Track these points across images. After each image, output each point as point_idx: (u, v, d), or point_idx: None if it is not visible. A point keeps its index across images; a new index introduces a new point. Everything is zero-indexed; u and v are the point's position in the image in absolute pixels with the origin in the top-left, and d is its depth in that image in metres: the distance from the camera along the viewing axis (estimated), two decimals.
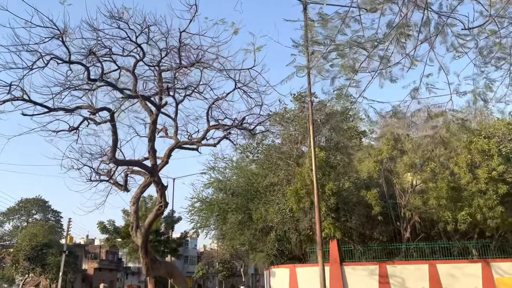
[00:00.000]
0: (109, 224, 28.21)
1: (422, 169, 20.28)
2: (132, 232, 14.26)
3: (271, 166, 25.57)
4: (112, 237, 27.80)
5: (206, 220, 31.52)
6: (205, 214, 31.72)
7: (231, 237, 29.62)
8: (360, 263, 23.79)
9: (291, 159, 25.76)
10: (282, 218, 24.10)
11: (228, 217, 29.12)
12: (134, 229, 14.24)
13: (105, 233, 27.45)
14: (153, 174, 12.52)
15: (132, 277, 70.06)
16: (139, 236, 13.88)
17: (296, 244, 26.79)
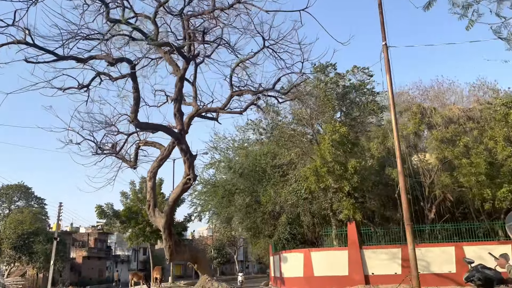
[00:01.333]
0: (107, 207, 26.27)
1: (454, 144, 18.81)
2: (150, 212, 12.50)
3: (286, 143, 23.86)
4: (111, 222, 25.85)
5: (208, 204, 29.76)
6: (208, 197, 29.94)
7: (239, 220, 27.93)
8: (381, 246, 22.53)
9: (305, 136, 24.07)
10: (297, 199, 22.48)
11: (235, 199, 27.42)
12: (152, 208, 12.50)
13: (103, 217, 25.52)
14: (180, 141, 10.76)
15: (122, 265, 68.19)
16: (160, 216, 12.17)
17: (309, 227, 25.30)
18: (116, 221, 26.18)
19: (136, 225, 24.48)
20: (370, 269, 22.35)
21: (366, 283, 22.02)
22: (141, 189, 26.71)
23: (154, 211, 12.70)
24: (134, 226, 24.41)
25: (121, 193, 27.06)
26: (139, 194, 26.22)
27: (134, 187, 27.01)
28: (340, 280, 22.44)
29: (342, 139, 20.50)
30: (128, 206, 25.63)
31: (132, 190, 26.91)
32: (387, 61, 14.81)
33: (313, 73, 18.94)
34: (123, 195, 26.93)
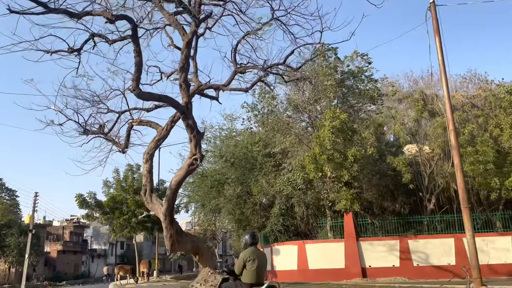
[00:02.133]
0: (89, 196, 24.46)
1: (459, 131, 18.18)
2: (146, 198, 11.30)
3: (281, 130, 22.85)
4: (93, 212, 24.10)
5: (195, 195, 28.53)
6: (196, 187, 28.71)
7: (229, 211, 26.83)
8: (379, 238, 21.89)
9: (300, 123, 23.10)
10: (292, 189, 21.53)
11: (225, 189, 26.29)
12: (148, 193, 11.30)
13: (84, 207, 23.79)
14: (186, 115, 9.61)
15: (98, 259, 66.14)
16: (158, 202, 11.04)
17: (303, 218, 24.41)
18: (98, 212, 24.42)
19: (120, 215, 22.90)
20: (367, 261, 21.70)
21: (363, 276, 21.37)
22: (126, 177, 25.12)
23: (151, 197, 11.50)
24: (118, 216, 22.83)
25: (104, 182, 25.41)
26: (123, 183, 24.60)
27: (118, 175, 25.39)
28: (336, 273, 21.70)
29: (342, 126, 19.60)
30: (112, 195, 23.95)
31: (115, 179, 25.25)
32: (436, 21, 13.69)
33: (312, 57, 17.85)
34: (105, 184, 25.26)
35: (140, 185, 23.21)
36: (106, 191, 25.02)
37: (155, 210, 11.58)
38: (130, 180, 24.83)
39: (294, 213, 24.90)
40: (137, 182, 24.49)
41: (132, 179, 25.11)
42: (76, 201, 23.41)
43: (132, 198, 22.62)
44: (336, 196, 21.13)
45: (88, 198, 24.02)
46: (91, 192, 24.61)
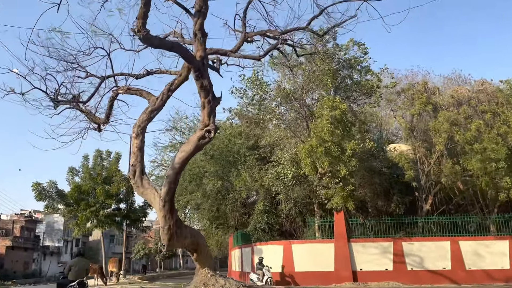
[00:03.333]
0: (49, 185, 21.32)
1: (466, 127, 17.12)
2: (135, 180, 9.31)
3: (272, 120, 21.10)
4: (53, 204, 20.95)
5: None
6: None
7: (207, 207, 24.76)
8: (371, 239, 20.63)
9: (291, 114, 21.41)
10: (283, 185, 19.82)
11: (204, 183, 24.22)
12: (139, 175, 9.32)
13: (43, 198, 20.71)
14: (201, 74, 7.73)
15: (51, 257, 61.65)
16: (150, 186, 8.97)
17: (288, 217, 22.77)
18: (60, 203, 21.27)
19: (86, 207, 20.04)
20: (358, 264, 20.38)
21: (354, 280, 20.00)
22: (96, 164, 22.15)
23: (141, 180, 9.44)
24: (84, 209, 19.96)
25: (69, 169, 22.32)
26: (92, 171, 21.69)
27: (87, 162, 22.36)
28: (325, 276, 20.22)
29: (342, 117, 18.05)
30: (77, 185, 20.97)
31: (84, 166, 22.21)
32: None
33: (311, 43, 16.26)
34: (70, 171, 22.19)
35: (110, 174, 20.76)
36: (70, 179, 22.08)
37: (147, 196, 9.50)
38: (99, 168, 21.94)
39: (279, 210, 23.24)
40: (106, 171, 21.72)
41: (101, 167, 22.24)
42: (34, 190, 20.36)
43: (101, 187, 19.92)
44: (330, 192, 19.60)
45: (48, 188, 21.01)
46: (52, 181, 21.57)
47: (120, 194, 21.34)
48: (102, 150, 22.60)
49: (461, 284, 19.10)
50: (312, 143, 18.14)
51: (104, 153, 22.68)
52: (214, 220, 29.80)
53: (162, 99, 9.74)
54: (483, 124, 17.42)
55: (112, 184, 20.93)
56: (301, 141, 20.66)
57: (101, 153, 22.56)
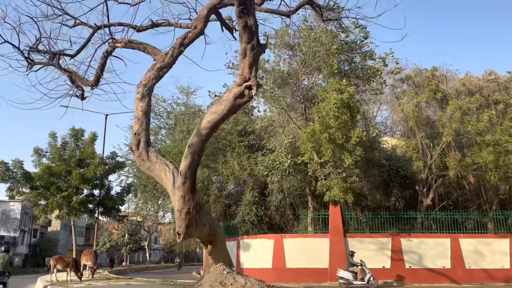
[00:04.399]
0: (14, 165, 18.43)
1: (478, 118, 16.13)
2: (139, 152, 7.51)
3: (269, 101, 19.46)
4: (17, 186, 18.06)
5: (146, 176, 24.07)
6: None
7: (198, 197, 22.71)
8: (369, 235, 19.51)
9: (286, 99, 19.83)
10: (279, 174, 18.27)
11: None
12: (143, 146, 7.55)
13: (6, 180, 17.82)
14: (247, 9, 5.80)
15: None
16: (159, 159, 7.23)
17: (279, 209, 21.25)
18: (26, 186, 18.38)
19: (57, 192, 17.38)
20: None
21: None
22: (65, 144, 19.34)
23: (147, 152, 7.60)
24: (54, 193, 17.31)
25: (34, 150, 19.32)
26: (62, 151, 18.94)
27: (55, 142, 19.50)
28: (319, 273, 18.93)
29: (348, 102, 16.63)
30: (46, 166, 18.15)
31: (51, 146, 19.36)
32: None
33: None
34: (36, 152, 19.30)
35: (86, 156, 18.41)
36: (36, 161, 19.21)
37: (155, 172, 7.65)
38: (72, 149, 19.17)
39: (268, 202, 21.64)
40: (80, 152, 19.04)
41: (75, 147, 19.53)
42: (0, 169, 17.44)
43: (77, 171, 17.39)
44: (328, 183, 18.21)
45: (13, 168, 18.16)
46: (17, 160, 18.54)
47: (96, 179, 18.83)
48: (78, 129, 19.88)
49: (461, 284, 18.25)
50: (315, 127, 16.64)
51: (78, 132, 19.93)
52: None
53: (173, 55, 7.92)
54: (495, 115, 16.50)
55: (88, 167, 18.37)
56: (298, 127, 19.13)
57: (76, 131, 19.86)
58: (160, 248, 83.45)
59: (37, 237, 63.49)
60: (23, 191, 18.36)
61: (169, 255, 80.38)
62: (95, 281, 14.64)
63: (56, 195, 17.36)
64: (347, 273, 16.78)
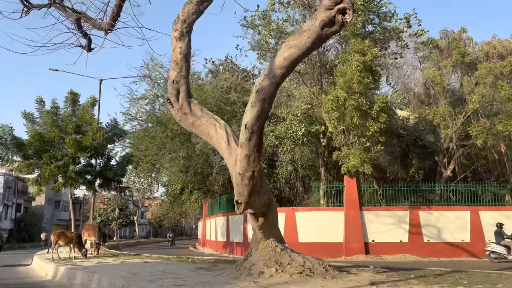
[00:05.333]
0: (2, 131, 16.26)
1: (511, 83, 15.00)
2: (180, 105, 6.26)
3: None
4: (7, 154, 16.00)
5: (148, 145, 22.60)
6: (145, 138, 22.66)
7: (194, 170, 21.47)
8: (386, 208, 18.62)
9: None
10: (293, 143, 17.01)
11: (193, 142, 20.84)
12: (184, 97, 6.41)
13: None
14: None
15: None
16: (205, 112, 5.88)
17: (289, 181, 20.09)
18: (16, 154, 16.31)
19: (51, 161, 15.47)
20: (370, 235, 18.29)
21: (366, 252, 17.71)
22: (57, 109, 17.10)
23: (189, 104, 6.15)
24: (47, 163, 15.43)
25: (23, 114, 17.14)
26: (55, 117, 16.84)
27: (42, 107, 17.22)
28: (334, 248, 17.96)
29: (371, 65, 15.27)
30: (38, 132, 16.08)
31: (41, 112, 17.09)
32: None
33: None
34: (26, 117, 17.18)
35: (84, 123, 16.60)
36: (29, 127, 17.14)
37: (201, 127, 6.27)
38: (67, 114, 17.11)
39: (277, 174, 20.39)
40: (78, 118, 17.03)
41: (71, 112, 17.48)
42: None
43: (72, 137, 15.47)
44: (345, 154, 17.05)
45: (2, 134, 16.11)
46: (6, 126, 16.49)
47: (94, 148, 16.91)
48: (76, 93, 17.79)
49: (482, 258, 17.49)
50: (339, 94, 15.24)
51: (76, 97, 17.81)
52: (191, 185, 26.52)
53: None
54: None
55: (85, 134, 16.46)
56: (313, 93, 17.71)
57: (74, 95, 17.74)
58: (146, 223, 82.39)
59: (21, 212, 61.47)
60: (14, 160, 16.45)
61: (158, 230, 79.37)
62: (102, 258, 13.26)
63: (49, 164, 15.59)
64: (500, 247, 14.82)
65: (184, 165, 21.48)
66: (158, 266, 9.71)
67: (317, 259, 6.97)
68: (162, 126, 21.88)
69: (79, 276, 8.38)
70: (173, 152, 22.34)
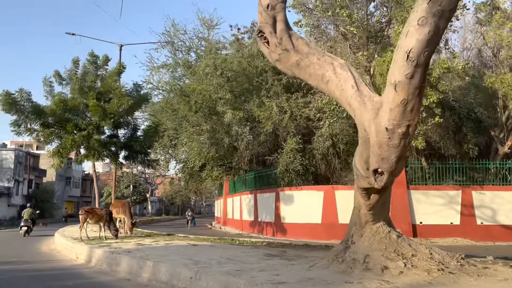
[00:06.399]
0: (20, 95, 14.16)
1: None
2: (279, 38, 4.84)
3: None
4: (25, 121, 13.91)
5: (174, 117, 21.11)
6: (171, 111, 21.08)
7: (219, 144, 19.94)
8: (436, 187, 17.04)
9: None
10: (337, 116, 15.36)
11: (220, 113, 19.19)
12: (283, 28, 4.75)
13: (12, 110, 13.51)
14: None
15: (0, 199, 54.44)
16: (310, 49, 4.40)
17: (326, 157, 18.48)
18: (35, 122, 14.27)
19: (73, 130, 13.54)
20: (418, 216, 16.76)
21: (413, 235, 16.20)
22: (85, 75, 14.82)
23: (290, 37, 4.37)
24: (70, 131, 13.56)
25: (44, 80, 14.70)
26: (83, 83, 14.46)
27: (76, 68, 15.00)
28: None
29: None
30: (62, 98, 14.08)
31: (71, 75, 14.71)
32: None
33: None
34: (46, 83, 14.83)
35: (107, 88, 14.86)
36: (48, 91, 15.06)
37: (312, 68, 4.67)
38: (91, 79, 15.07)
39: (312, 150, 18.75)
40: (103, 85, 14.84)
41: (94, 76, 15.43)
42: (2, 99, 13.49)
43: (95, 101, 13.47)
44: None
45: (19, 98, 14.12)
46: (24, 90, 14.61)
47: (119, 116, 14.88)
48: (98, 55, 15.86)
49: None
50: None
51: (100, 59, 15.78)
52: (212, 161, 24.99)
53: None
54: None
55: (111, 100, 14.55)
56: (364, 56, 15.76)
57: (96, 58, 15.82)
58: (156, 201, 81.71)
59: (32, 188, 60.63)
60: (33, 128, 14.53)
61: (169, 207, 78.71)
62: (135, 238, 11.79)
63: (72, 134, 13.79)
64: None
65: (210, 138, 19.88)
66: (214, 250, 8.22)
67: (446, 251, 5.39)
68: (186, 98, 20.22)
69: (124, 262, 6.90)
70: (197, 125, 20.72)
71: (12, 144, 67.19)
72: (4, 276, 7.02)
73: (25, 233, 18.91)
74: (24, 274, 7.33)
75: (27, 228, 19.12)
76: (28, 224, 19.10)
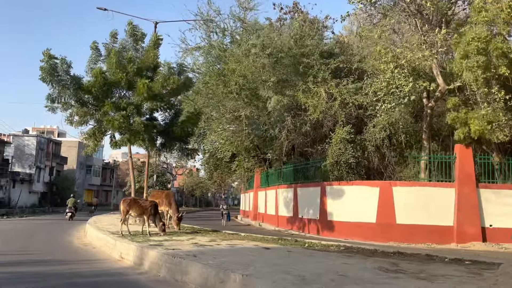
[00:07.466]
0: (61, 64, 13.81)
1: None
2: None
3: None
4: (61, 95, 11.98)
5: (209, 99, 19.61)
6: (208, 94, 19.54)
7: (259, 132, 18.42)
8: (509, 186, 14.84)
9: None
10: (395, 102, 13.56)
11: (263, 96, 17.54)
12: None
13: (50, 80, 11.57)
14: None
15: (21, 185, 54.12)
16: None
17: (379, 149, 16.72)
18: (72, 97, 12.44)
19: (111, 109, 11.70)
20: (488, 218, 14.89)
21: (482, 239, 14.37)
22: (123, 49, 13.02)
23: None
24: (107, 112, 11.77)
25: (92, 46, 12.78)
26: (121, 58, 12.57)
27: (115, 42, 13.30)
28: (441, 232, 14.77)
29: None
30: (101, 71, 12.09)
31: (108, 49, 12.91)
32: None
33: None
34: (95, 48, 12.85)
35: (147, 64, 13.28)
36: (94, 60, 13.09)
37: None
38: (129, 55, 13.19)
39: (363, 141, 17.02)
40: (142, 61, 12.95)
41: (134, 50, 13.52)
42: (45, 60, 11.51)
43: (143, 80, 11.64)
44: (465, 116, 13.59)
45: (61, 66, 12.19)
46: (65, 59, 12.55)
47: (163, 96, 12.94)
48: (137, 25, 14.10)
49: None
50: (481, 34, 11.52)
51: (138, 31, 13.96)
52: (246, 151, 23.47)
53: None
54: None
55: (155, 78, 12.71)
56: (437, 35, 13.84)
57: (135, 28, 13.98)
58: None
59: (53, 175, 60.15)
60: (70, 103, 12.69)
61: (190, 199, 77.91)
62: (186, 235, 10.24)
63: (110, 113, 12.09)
64: None
65: (248, 125, 18.30)
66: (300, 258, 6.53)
67: None
68: (225, 79, 18.60)
69: (194, 271, 5.32)
70: (234, 111, 19.13)
71: (34, 130, 66.89)
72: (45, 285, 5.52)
73: (70, 218, 23.66)
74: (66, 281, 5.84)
75: (71, 214, 23.97)
76: (72, 211, 24.04)
